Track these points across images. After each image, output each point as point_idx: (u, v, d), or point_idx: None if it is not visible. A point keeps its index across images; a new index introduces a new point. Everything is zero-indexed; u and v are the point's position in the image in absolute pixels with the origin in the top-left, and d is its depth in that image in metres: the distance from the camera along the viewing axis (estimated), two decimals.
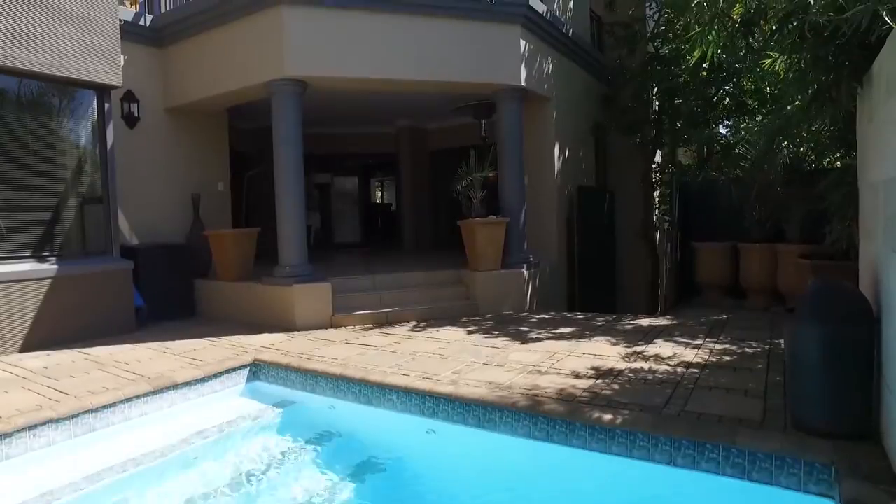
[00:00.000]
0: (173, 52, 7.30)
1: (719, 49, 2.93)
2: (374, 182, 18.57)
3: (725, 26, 2.83)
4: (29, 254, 5.70)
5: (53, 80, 5.78)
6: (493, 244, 6.84)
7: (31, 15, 5.43)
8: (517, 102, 7.08)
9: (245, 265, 6.96)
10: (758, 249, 6.63)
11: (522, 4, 6.79)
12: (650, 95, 9.23)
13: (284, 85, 6.18)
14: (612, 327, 5.84)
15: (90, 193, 6.26)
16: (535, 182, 7.84)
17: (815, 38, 2.63)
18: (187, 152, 7.76)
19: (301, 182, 6.41)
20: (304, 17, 6.13)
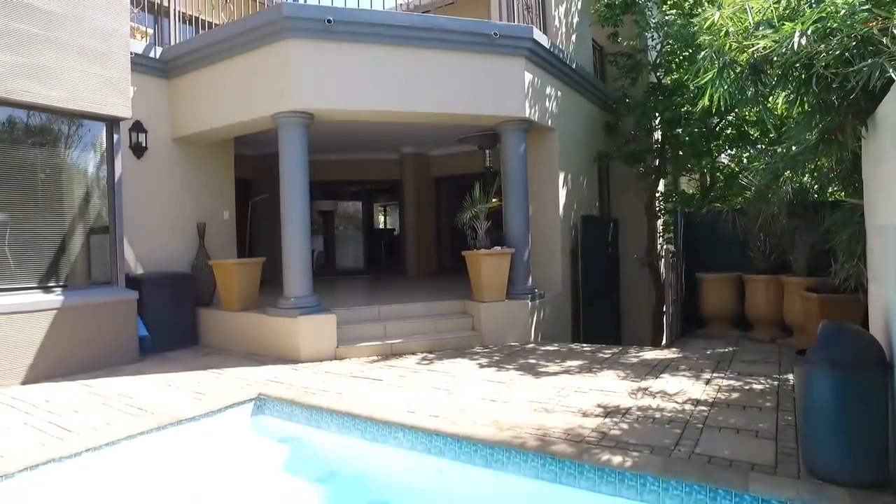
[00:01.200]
0: (182, 83, 7.39)
1: (727, 96, 2.96)
2: (378, 207, 18.68)
3: (734, 71, 2.87)
4: (35, 284, 5.71)
5: (66, 113, 5.88)
6: (498, 275, 6.84)
7: (46, 51, 5.53)
8: (521, 134, 7.14)
9: (249, 295, 6.96)
10: (763, 281, 6.60)
11: (527, 38, 6.88)
12: (652, 125, 9.30)
13: (291, 117, 6.25)
14: (617, 360, 5.80)
15: (97, 223, 6.29)
16: (539, 212, 7.87)
17: (820, 85, 2.66)
18: (193, 181, 7.82)
19: (307, 214, 6.43)
20: (311, 50, 6.22)
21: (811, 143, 3.07)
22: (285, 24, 6.06)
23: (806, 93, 2.88)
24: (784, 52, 2.50)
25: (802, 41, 2.43)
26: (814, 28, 2.43)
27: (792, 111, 3.74)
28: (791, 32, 2.48)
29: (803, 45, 2.43)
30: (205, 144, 7.89)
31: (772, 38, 2.58)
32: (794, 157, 3.54)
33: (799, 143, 3.10)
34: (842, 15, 2.37)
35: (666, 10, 8.71)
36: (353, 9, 6.36)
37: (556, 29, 8.34)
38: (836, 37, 2.39)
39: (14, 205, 5.64)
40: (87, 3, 5.86)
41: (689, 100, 8.23)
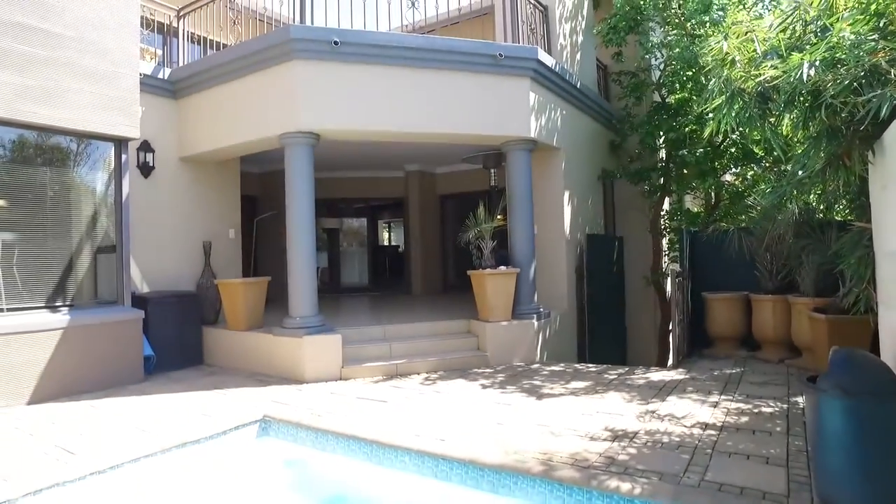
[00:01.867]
0: (189, 104, 7.46)
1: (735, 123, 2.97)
2: (382, 223, 18.74)
3: (741, 100, 2.88)
4: (42, 304, 5.73)
5: (75, 134, 5.94)
6: (503, 295, 6.82)
7: (55, 73, 5.60)
8: (527, 153, 7.17)
9: (255, 314, 6.96)
10: (770, 301, 6.56)
11: (532, 59, 6.94)
12: (657, 143, 9.32)
13: (297, 137, 6.29)
14: (624, 382, 5.76)
15: (104, 243, 6.32)
16: (544, 231, 7.88)
17: (827, 111, 2.66)
18: (200, 200, 7.86)
19: (313, 234, 6.45)
20: (317, 71, 6.27)
21: (818, 167, 3.07)
22: (292, 45, 6.13)
23: (812, 118, 2.88)
24: (792, 81, 2.51)
25: (811, 72, 2.44)
26: (821, 58, 2.45)
27: (797, 133, 3.75)
28: (799, 63, 2.49)
29: (812, 76, 2.44)
30: (211, 163, 7.94)
31: (780, 69, 2.59)
32: (800, 181, 3.54)
33: (805, 168, 3.10)
34: (849, 46, 2.38)
35: (668, 31, 8.77)
36: (359, 31, 6.42)
37: (560, 49, 8.40)
38: (843, 66, 2.40)
39: (22, 224, 5.69)
40: (97, 25, 5.94)
41: (693, 120, 8.26)
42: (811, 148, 2.99)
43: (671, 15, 8.56)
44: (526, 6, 7.65)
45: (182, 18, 7.97)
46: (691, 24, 8.21)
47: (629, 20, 8.57)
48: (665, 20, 8.71)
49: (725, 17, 7.48)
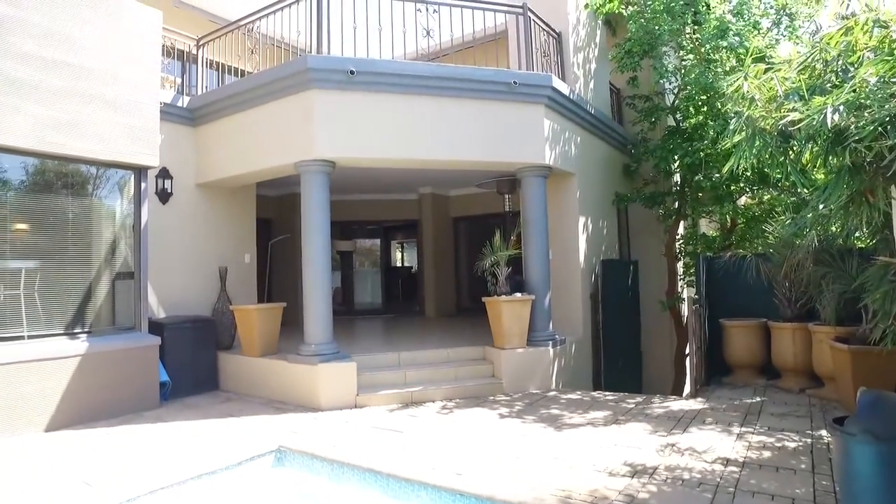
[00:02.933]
0: (207, 131, 7.57)
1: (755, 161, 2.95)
2: (395, 244, 18.75)
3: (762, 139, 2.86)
4: (62, 330, 5.80)
5: (98, 163, 6.06)
6: (519, 322, 6.79)
7: (80, 104, 5.72)
8: (542, 179, 7.17)
9: (270, 340, 6.97)
10: (790, 329, 6.44)
11: (546, 86, 6.97)
12: (671, 168, 9.28)
13: (313, 165, 6.34)
14: (642, 411, 5.68)
15: (122, 269, 6.39)
16: (559, 257, 7.85)
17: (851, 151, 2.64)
18: (216, 226, 7.94)
19: (328, 261, 6.48)
20: (333, 100, 6.34)
21: (840, 203, 3.03)
22: (309, 75, 6.21)
23: (834, 153, 2.86)
24: (814, 125, 2.49)
25: (835, 118, 2.42)
26: (845, 101, 2.43)
27: (818, 166, 3.72)
28: (822, 107, 2.47)
29: (835, 120, 2.43)
30: (228, 189, 8.03)
31: (802, 111, 2.58)
32: (821, 215, 3.50)
33: (827, 203, 3.06)
34: (872, 89, 2.36)
35: (683, 56, 8.78)
36: (374, 60, 6.50)
37: (574, 74, 8.44)
38: (867, 110, 2.38)
39: (44, 251, 5.78)
40: (122, 57, 6.07)
41: (708, 145, 8.22)
42: (833, 183, 2.96)
43: (686, 40, 8.59)
44: (539, 34, 7.71)
45: (201, 47, 8.12)
46: (706, 49, 8.22)
47: (643, 45, 8.59)
48: (680, 45, 8.73)
49: (743, 43, 7.47)
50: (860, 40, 2.71)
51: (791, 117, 2.65)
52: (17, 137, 5.28)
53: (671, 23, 8.15)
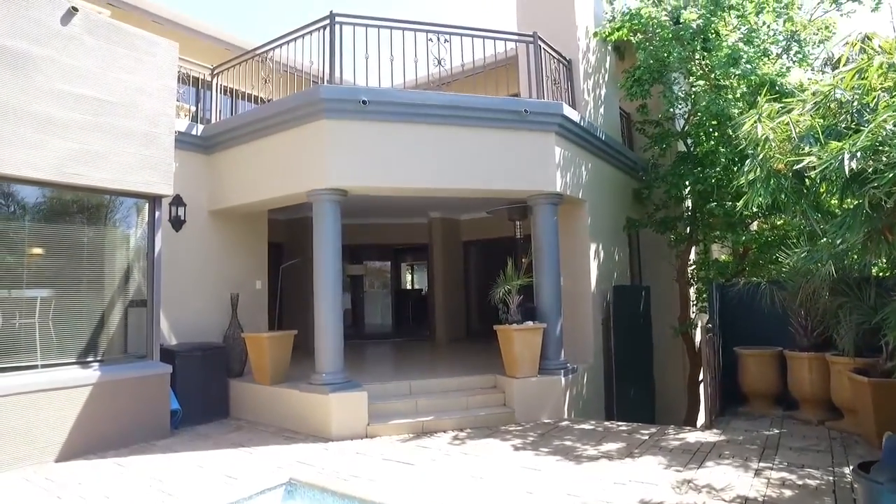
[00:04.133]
0: (220, 159, 7.65)
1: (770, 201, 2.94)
2: (405, 266, 18.76)
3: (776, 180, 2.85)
4: (74, 359, 5.81)
5: (114, 193, 6.14)
6: (530, 350, 6.74)
7: (99, 136, 5.82)
8: (553, 207, 7.17)
9: (281, 367, 6.96)
10: (807, 359, 6.34)
11: (557, 114, 7.00)
12: (682, 194, 9.25)
13: (325, 194, 6.37)
14: (657, 444, 5.59)
15: (135, 297, 6.42)
16: (570, 284, 7.80)
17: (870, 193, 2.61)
18: (228, 252, 7.99)
19: (339, 290, 6.49)
20: (345, 130, 6.39)
21: (857, 241, 3.00)
22: (322, 105, 6.27)
23: (851, 193, 2.83)
24: (831, 169, 2.48)
25: (853, 164, 2.41)
26: (862, 148, 2.41)
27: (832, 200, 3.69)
28: (838, 152, 2.46)
29: (853, 167, 2.41)
30: (240, 216, 8.09)
31: (818, 156, 2.57)
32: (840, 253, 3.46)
33: (844, 240, 3.02)
34: (890, 134, 2.35)
35: (693, 82, 8.80)
36: (386, 90, 6.56)
37: (584, 101, 8.47)
38: (884, 154, 2.36)
39: (58, 279, 5.82)
40: (140, 90, 6.18)
41: (719, 172, 8.20)
42: (850, 221, 2.92)
43: (695, 66, 8.61)
44: (550, 61, 7.76)
45: (216, 76, 8.25)
46: (716, 75, 8.24)
47: (653, 72, 8.63)
48: (689, 71, 8.76)
49: (754, 70, 7.47)
50: (875, 82, 2.70)
51: (807, 161, 2.64)
52: (39, 171, 5.39)
53: (680, 50, 8.19)
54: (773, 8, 8.16)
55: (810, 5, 8.49)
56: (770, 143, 2.97)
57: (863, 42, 2.88)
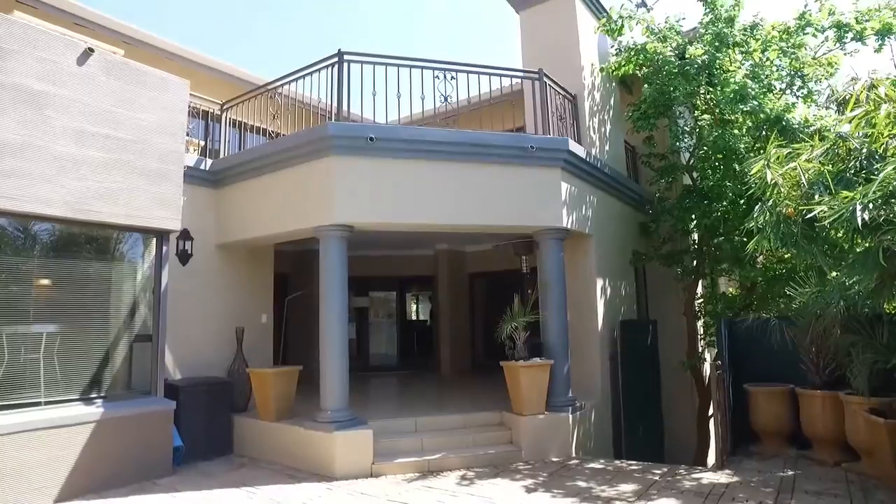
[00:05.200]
0: (228, 193, 7.71)
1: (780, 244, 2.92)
2: (410, 296, 18.69)
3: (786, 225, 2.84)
4: (78, 396, 5.76)
5: (124, 228, 6.17)
6: (538, 387, 6.65)
7: (113, 174, 5.89)
8: (559, 242, 7.16)
9: (285, 403, 6.88)
10: (820, 397, 6.22)
11: (563, 150, 7.04)
12: (689, 227, 9.23)
13: (332, 230, 6.39)
14: (670, 485, 5.46)
15: (140, 332, 6.40)
16: (577, 319, 7.74)
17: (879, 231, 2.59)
18: (233, 285, 7.98)
19: (345, 325, 6.45)
20: (352, 166, 6.43)
21: (870, 285, 2.96)
22: (329, 142, 6.33)
23: (861, 238, 2.81)
24: (843, 219, 2.46)
25: (865, 216, 2.40)
26: (873, 199, 2.40)
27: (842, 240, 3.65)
28: (850, 202, 2.45)
29: (865, 219, 2.40)
30: (246, 250, 8.11)
31: (829, 206, 2.56)
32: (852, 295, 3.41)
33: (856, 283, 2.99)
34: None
35: (698, 116, 8.86)
36: (393, 126, 6.64)
37: (589, 135, 8.53)
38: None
39: (63, 314, 5.81)
40: (151, 127, 6.26)
41: (726, 206, 8.19)
42: (861, 266, 2.89)
43: (701, 100, 8.67)
44: (555, 97, 7.84)
45: (225, 111, 8.37)
46: (721, 110, 8.29)
47: (658, 106, 8.70)
48: (695, 106, 8.82)
49: (763, 108, 7.53)
50: (883, 130, 2.70)
51: (818, 211, 2.63)
52: (53, 207, 5.44)
53: (685, 85, 8.26)
54: (778, 46, 8.25)
55: (814, 43, 8.57)
56: (779, 189, 2.96)
57: (869, 90, 2.90)
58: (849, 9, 8.13)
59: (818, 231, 2.87)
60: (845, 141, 2.87)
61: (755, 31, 8.39)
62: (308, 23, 36.93)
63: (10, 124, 5.20)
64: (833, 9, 8.23)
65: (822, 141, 7.09)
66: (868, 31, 7.88)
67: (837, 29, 8.18)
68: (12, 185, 5.16)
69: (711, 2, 8.59)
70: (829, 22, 8.25)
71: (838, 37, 8.23)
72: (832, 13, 8.23)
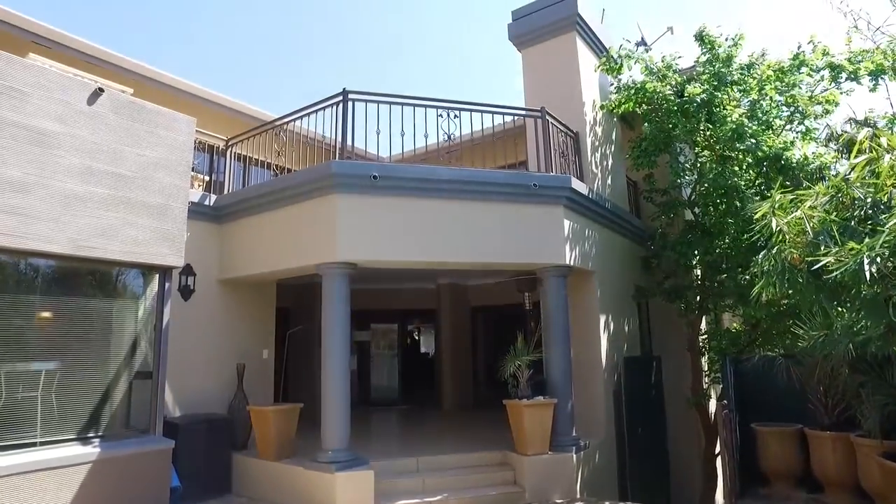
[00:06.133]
0: (231, 229, 7.73)
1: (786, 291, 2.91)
2: (411, 327, 18.60)
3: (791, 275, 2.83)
4: (74, 435, 5.68)
5: (125, 265, 6.16)
6: (541, 426, 6.56)
7: (116, 210, 5.92)
8: (562, 279, 7.14)
9: (286, 442, 6.79)
10: (830, 439, 6.08)
11: (565, 187, 7.08)
12: (692, 263, 9.21)
13: (335, 268, 6.38)
14: None
15: (140, 369, 6.34)
16: (580, 356, 7.67)
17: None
18: (235, 320, 7.95)
19: (347, 363, 6.41)
20: (356, 205, 6.46)
21: (878, 332, 2.93)
22: (333, 180, 6.37)
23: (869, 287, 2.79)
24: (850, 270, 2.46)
25: (873, 270, 2.39)
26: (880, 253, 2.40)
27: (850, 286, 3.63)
28: (857, 255, 2.44)
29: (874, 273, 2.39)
30: (249, 285, 8.09)
31: (836, 257, 2.55)
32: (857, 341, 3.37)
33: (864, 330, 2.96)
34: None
35: (699, 152, 8.92)
36: (396, 165, 6.71)
37: (592, 174, 8.59)
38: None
39: (63, 351, 5.77)
40: (157, 164, 6.32)
41: (729, 243, 8.18)
42: (869, 313, 2.87)
43: (700, 137, 8.74)
44: (557, 134, 7.91)
45: (230, 147, 8.45)
46: (721, 147, 8.35)
47: (659, 143, 8.77)
48: (695, 142, 8.89)
49: (759, 145, 7.59)
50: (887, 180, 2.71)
51: (824, 262, 2.62)
52: (57, 245, 5.46)
53: (685, 122, 8.35)
54: (775, 86, 8.36)
55: (810, 81, 8.67)
56: (784, 236, 2.96)
57: (871, 140, 2.92)
58: (841, 50, 8.27)
59: (824, 281, 2.85)
60: (849, 189, 2.88)
61: (752, 70, 8.51)
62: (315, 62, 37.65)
63: (20, 163, 5.25)
64: (827, 49, 8.36)
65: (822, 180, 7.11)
66: (862, 72, 7.98)
67: (832, 69, 8.30)
68: (16, 222, 5.18)
69: (710, 42, 8.74)
70: (824, 62, 8.38)
71: (833, 76, 8.34)
72: (826, 54, 8.36)
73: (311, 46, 37.43)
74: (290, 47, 36.88)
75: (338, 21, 36.19)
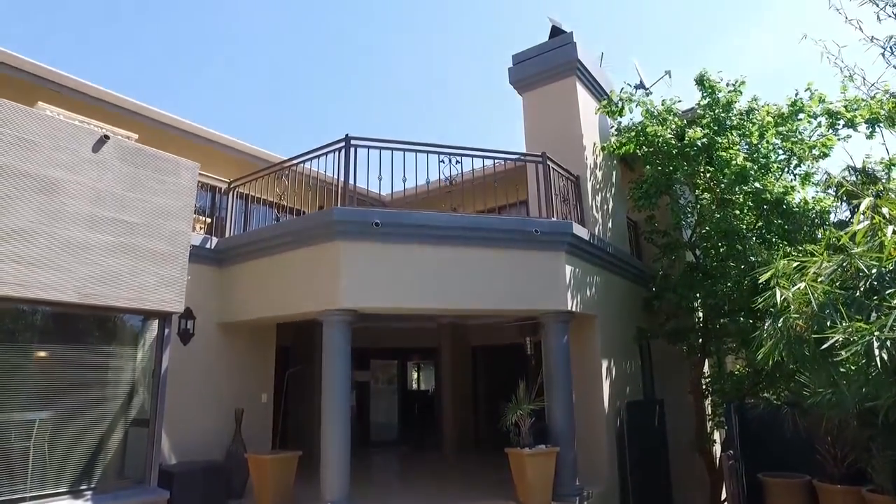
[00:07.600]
0: (232, 272, 7.71)
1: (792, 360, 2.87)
2: (412, 364, 18.44)
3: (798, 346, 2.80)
4: (66, 488, 5.54)
5: (128, 312, 6.10)
6: (544, 476, 6.44)
7: (119, 257, 5.87)
8: (564, 325, 7.10)
9: (284, 491, 6.67)
10: (840, 493, 5.95)
11: (567, 233, 7.08)
12: (694, 305, 9.16)
13: (337, 314, 6.35)
14: None
15: (137, 417, 6.24)
16: (582, 401, 7.56)
17: None
18: (234, 365, 7.87)
19: (348, 410, 6.31)
20: (357, 251, 6.45)
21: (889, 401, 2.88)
22: (335, 227, 6.38)
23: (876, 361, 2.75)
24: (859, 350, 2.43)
25: (884, 354, 2.37)
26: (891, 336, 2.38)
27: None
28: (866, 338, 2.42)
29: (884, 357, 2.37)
30: (248, 329, 8.04)
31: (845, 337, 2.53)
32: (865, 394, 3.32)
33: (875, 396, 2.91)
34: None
35: (699, 194, 8.96)
36: (398, 212, 6.71)
37: (592, 217, 8.60)
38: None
39: (57, 400, 5.65)
40: (161, 210, 6.31)
41: (731, 286, 8.15)
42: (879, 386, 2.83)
43: (701, 178, 8.79)
44: (558, 179, 7.95)
45: (233, 190, 8.49)
46: (721, 190, 8.39)
47: (659, 185, 8.81)
48: (696, 185, 8.94)
49: (764, 190, 7.64)
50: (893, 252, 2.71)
51: (832, 341, 2.60)
52: (60, 293, 5.40)
53: (686, 165, 8.40)
54: (775, 132, 8.44)
55: (808, 126, 8.77)
56: (789, 306, 2.94)
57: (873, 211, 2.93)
58: (838, 97, 8.38)
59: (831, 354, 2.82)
60: (854, 260, 2.87)
61: (751, 116, 8.60)
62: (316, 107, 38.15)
63: (26, 212, 5.25)
64: (823, 97, 8.48)
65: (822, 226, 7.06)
66: (858, 119, 8.09)
67: (829, 116, 8.41)
68: (20, 270, 5.15)
69: (710, 87, 8.85)
70: (821, 109, 8.49)
71: (831, 123, 8.44)
72: (822, 101, 8.47)
73: (321, 91, 38.00)
74: (295, 94, 37.44)
75: (349, 66, 36.83)
